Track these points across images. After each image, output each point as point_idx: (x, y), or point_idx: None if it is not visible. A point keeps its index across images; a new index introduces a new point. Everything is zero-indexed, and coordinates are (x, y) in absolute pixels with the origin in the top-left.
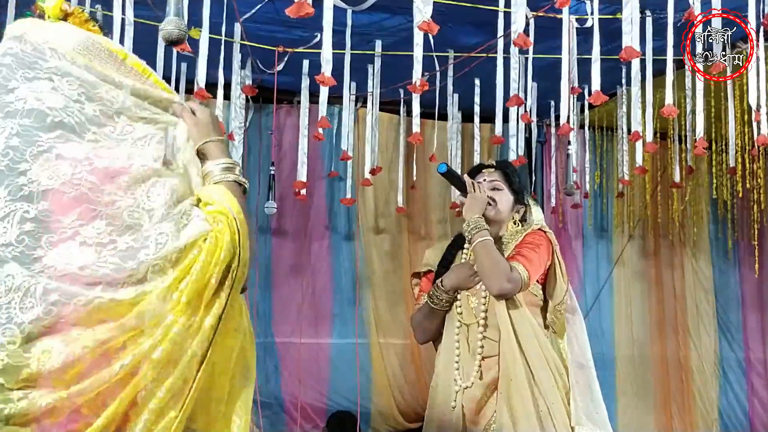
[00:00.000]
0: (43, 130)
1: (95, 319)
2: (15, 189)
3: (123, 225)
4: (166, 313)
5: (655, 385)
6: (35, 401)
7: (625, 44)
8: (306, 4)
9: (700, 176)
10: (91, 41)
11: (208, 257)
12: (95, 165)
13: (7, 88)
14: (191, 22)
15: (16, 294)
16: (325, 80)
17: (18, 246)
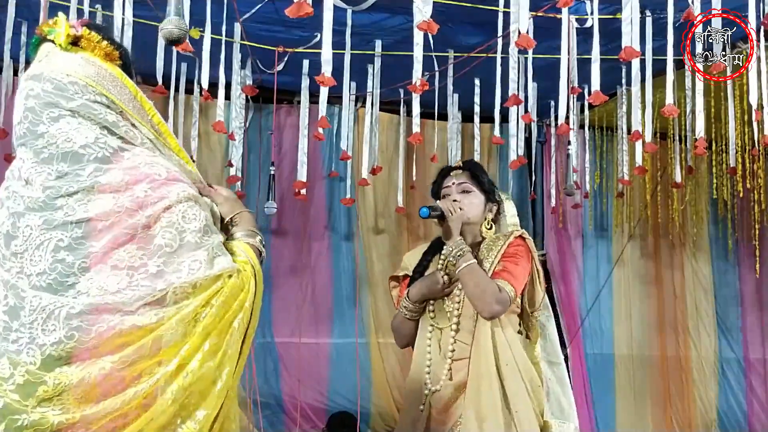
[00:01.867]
0: (80, 170)
1: (116, 344)
2: (50, 220)
3: (155, 246)
4: (184, 341)
5: (654, 385)
6: (48, 417)
7: (625, 44)
8: (305, 4)
9: (700, 176)
10: (113, 77)
11: (233, 293)
12: (136, 191)
13: (37, 134)
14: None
15: (39, 315)
16: (325, 80)
17: (51, 273)
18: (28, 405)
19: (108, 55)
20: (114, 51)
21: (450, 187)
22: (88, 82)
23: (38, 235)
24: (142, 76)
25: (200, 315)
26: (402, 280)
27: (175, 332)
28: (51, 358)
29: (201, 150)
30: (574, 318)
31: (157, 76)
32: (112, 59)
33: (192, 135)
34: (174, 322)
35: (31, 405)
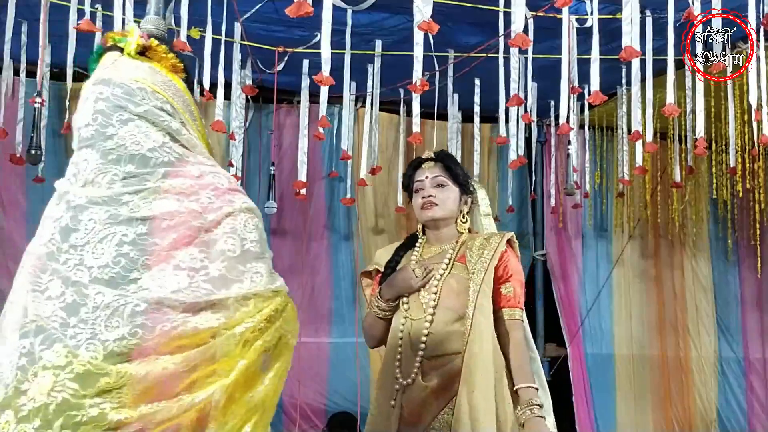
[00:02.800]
0: (148, 174)
1: (176, 345)
2: (115, 215)
3: (216, 251)
4: (240, 356)
5: (654, 385)
6: (106, 413)
7: (625, 44)
8: (305, 3)
9: (700, 176)
10: (176, 88)
11: (292, 316)
12: (201, 197)
13: (106, 135)
14: (192, 22)
15: (103, 312)
16: (324, 80)
17: (114, 267)
18: (86, 396)
19: (174, 66)
20: (179, 63)
21: (423, 181)
22: (155, 89)
23: (102, 229)
24: None
25: (259, 330)
26: (374, 276)
27: (232, 342)
28: (112, 354)
29: None
30: (574, 318)
31: None
32: (176, 71)
33: None
34: (235, 332)
35: (89, 395)
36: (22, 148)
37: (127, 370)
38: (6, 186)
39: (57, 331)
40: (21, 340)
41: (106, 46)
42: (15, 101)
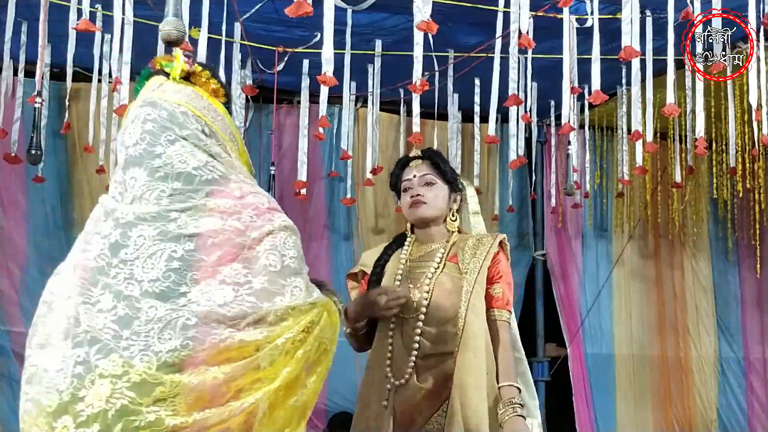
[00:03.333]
0: (193, 192)
1: (223, 357)
2: (164, 232)
3: (259, 267)
4: (283, 364)
5: (655, 385)
6: (163, 419)
7: (625, 44)
8: (305, 3)
9: (700, 176)
10: (218, 113)
11: (331, 325)
12: (243, 216)
13: (154, 154)
14: (191, 22)
15: (156, 325)
16: (327, 80)
17: (165, 281)
18: (142, 404)
19: (215, 91)
20: (220, 88)
21: (411, 180)
22: (197, 113)
23: (151, 245)
24: None
25: (299, 341)
26: (361, 279)
27: (275, 353)
28: (165, 365)
29: None
30: (574, 318)
31: None
32: (217, 95)
33: None
34: (277, 344)
35: (145, 404)
36: (19, 148)
37: (180, 380)
38: (6, 186)
39: (111, 342)
40: (75, 348)
41: (154, 70)
42: (14, 101)
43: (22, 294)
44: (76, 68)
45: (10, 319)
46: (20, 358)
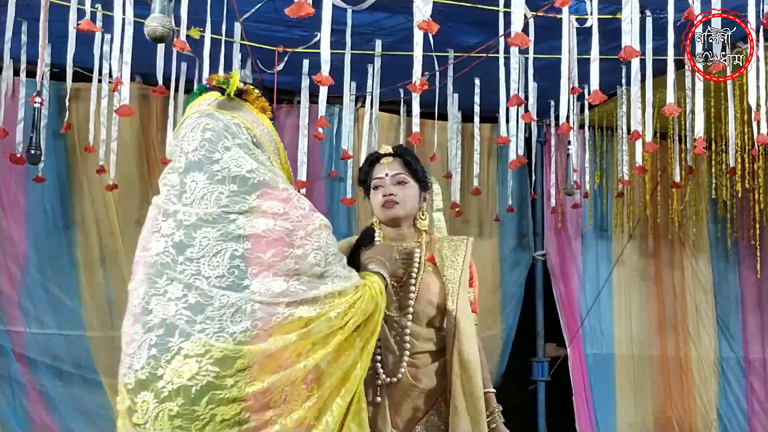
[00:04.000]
0: (247, 193)
1: (285, 329)
2: (225, 233)
3: (306, 262)
4: (335, 332)
5: (655, 385)
6: (242, 388)
7: (625, 44)
8: (306, 4)
9: (699, 176)
10: (265, 127)
11: (371, 298)
12: (291, 216)
13: (213, 159)
14: (192, 22)
15: (228, 310)
16: (323, 80)
17: (230, 276)
18: (226, 375)
19: (263, 108)
20: (268, 106)
21: (383, 178)
22: (247, 125)
23: (215, 245)
24: (142, 76)
25: (347, 314)
26: None
27: (328, 324)
28: (240, 342)
29: None
30: (573, 318)
31: (157, 76)
32: (264, 111)
33: None
34: (330, 316)
35: (229, 375)
36: (22, 148)
37: (255, 350)
38: (6, 186)
39: (186, 326)
40: (147, 333)
41: (209, 86)
42: (15, 101)
43: (22, 294)
44: (76, 68)
45: (9, 319)
46: (20, 357)
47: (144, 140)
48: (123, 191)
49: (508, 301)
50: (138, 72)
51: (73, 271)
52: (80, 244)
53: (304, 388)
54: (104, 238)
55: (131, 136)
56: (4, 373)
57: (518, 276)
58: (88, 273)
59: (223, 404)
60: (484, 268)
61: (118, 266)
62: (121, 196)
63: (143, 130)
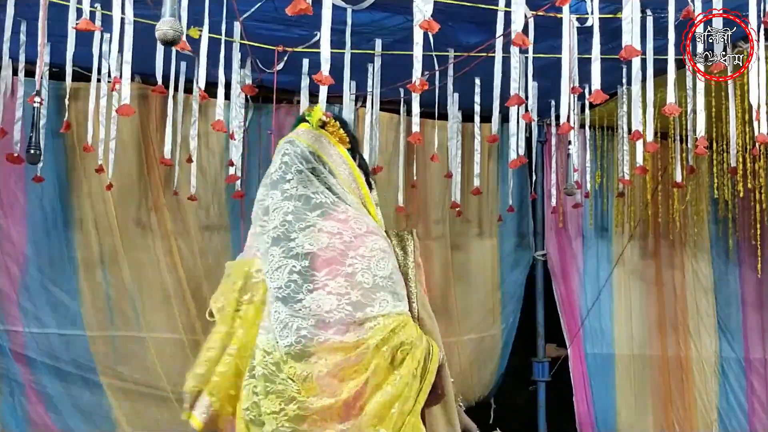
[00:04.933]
0: (308, 210)
1: (328, 352)
2: (287, 250)
3: (355, 282)
4: (376, 360)
5: (655, 385)
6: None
7: (626, 43)
8: (302, 1)
9: (700, 176)
10: (339, 155)
11: (413, 334)
12: (344, 237)
13: (286, 179)
14: (191, 21)
15: (279, 324)
16: (324, 79)
17: (286, 289)
18: (278, 376)
19: (341, 139)
20: (345, 137)
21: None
22: (319, 153)
23: (278, 261)
24: (141, 76)
25: (389, 342)
26: None
27: (368, 352)
28: (287, 354)
29: (200, 150)
30: (574, 318)
31: (157, 76)
32: (342, 142)
33: (191, 135)
34: (369, 344)
35: (279, 377)
36: (21, 147)
37: (296, 367)
38: (5, 185)
39: (261, 329)
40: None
41: (302, 117)
42: (14, 101)
43: (21, 293)
44: (75, 68)
45: (8, 318)
46: (20, 357)
47: (143, 140)
48: (122, 191)
49: (508, 301)
50: (137, 71)
51: (73, 270)
52: (80, 244)
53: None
54: (104, 237)
55: (130, 136)
56: (3, 372)
57: (518, 276)
58: (88, 272)
59: (271, 394)
60: (485, 268)
61: (117, 265)
62: (121, 195)
63: (142, 130)
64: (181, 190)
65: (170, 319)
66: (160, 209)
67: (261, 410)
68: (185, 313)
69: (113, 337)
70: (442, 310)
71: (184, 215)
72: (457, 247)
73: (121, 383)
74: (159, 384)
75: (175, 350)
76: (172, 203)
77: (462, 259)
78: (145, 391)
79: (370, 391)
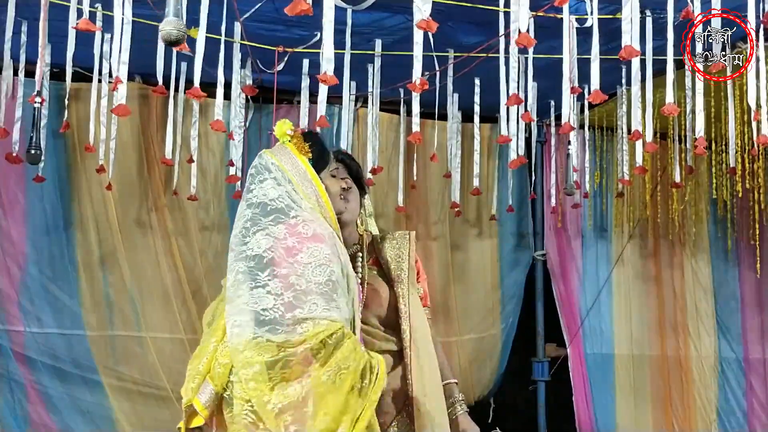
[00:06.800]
0: (263, 216)
1: (259, 350)
2: (238, 253)
3: (289, 284)
4: (304, 371)
5: (654, 385)
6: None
7: (625, 43)
8: (302, 1)
9: (699, 176)
10: (299, 167)
11: (348, 346)
12: (288, 242)
13: (250, 189)
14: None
15: (227, 318)
16: (327, 79)
17: (231, 288)
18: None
19: (300, 149)
20: (307, 148)
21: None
22: (279, 164)
23: (230, 264)
24: (141, 76)
25: (315, 350)
26: None
27: (294, 359)
28: (233, 351)
29: (200, 150)
30: (574, 318)
31: (157, 76)
32: (304, 153)
33: (191, 135)
34: (297, 351)
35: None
36: (19, 147)
37: (223, 363)
38: (5, 185)
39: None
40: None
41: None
42: (14, 101)
43: (21, 293)
44: (75, 68)
45: (8, 318)
46: (19, 357)
47: (144, 140)
48: (123, 191)
49: (508, 301)
50: (138, 72)
51: (73, 270)
52: (80, 244)
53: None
54: (104, 237)
55: (131, 136)
56: (3, 372)
57: (518, 276)
58: (88, 272)
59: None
60: (484, 268)
61: (117, 265)
62: (121, 195)
63: (143, 130)
64: (181, 190)
65: (170, 319)
66: (161, 209)
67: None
68: (185, 313)
69: (113, 337)
70: (442, 310)
71: (184, 215)
72: (456, 247)
73: (121, 383)
74: (159, 384)
75: (175, 350)
76: (172, 203)
77: (461, 259)
78: (145, 391)
79: (301, 403)
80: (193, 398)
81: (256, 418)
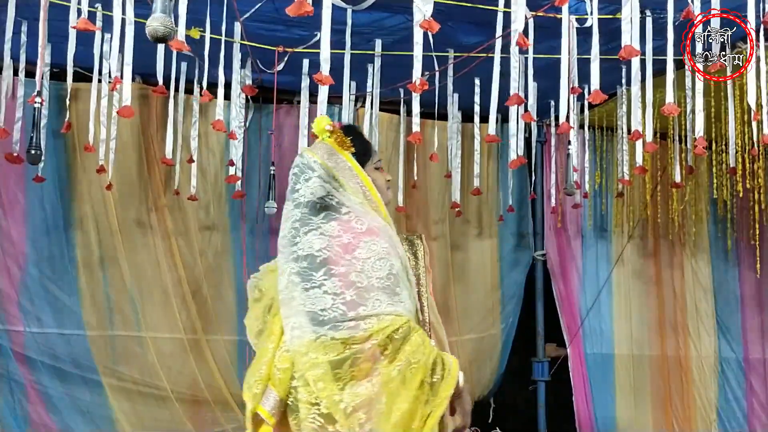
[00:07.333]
0: (313, 215)
1: (324, 349)
2: (289, 254)
3: (349, 282)
4: (376, 365)
5: (654, 385)
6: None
7: (625, 43)
8: (305, 2)
9: (699, 176)
10: (343, 163)
11: (414, 340)
12: (343, 239)
13: (295, 189)
14: (192, 22)
15: (285, 326)
16: (324, 79)
17: (285, 291)
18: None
19: (341, 143)
20: (349, 142)
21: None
22: (322, 162)
23: (281, 266)
24: (141, 76)
25: (382, 346)
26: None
27: (362, 356)
28: (295, 353)
29: (201, 150)
30: (574, 318)
31: (157, 76)
32: (347, 148)
33: (192, 135)
34: (365, 347)
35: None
36: (19, 148)
37: (287, 360)
38: (6, 185)
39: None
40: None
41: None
42: (14, 101)
43: (21, 293)
44: (76, 68)
45: (8, 318)
46: (19, 357)
47: (144, 140)
48: (123, 191)
49: (508, 301)
50: (138, 72)
51: (73, 270)
52: (79, 244)
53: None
54: (103, 237)
55: (131, 136)
56: (3, 372)
57: (518, 276)
58: (88, 272)
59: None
60: (484, 268)
61: (117, 265)
62: (121, 195)
63: (143, 130)
64: (181, 190)
65: (170, 319)
66: (161, 209)
67: (298, 396)
68: (185, 313)
69: (113, 337)
70: (442, 310)
71: (184, 215)
72: (456, 247)
73: (120, 383)
74: (159, 384)
75: (175, 350)
76: (172, 203)
77: (462, 259)
78: (144, 391)
79: (370, 399)
80: (257, 406)
81: (324, 421)
